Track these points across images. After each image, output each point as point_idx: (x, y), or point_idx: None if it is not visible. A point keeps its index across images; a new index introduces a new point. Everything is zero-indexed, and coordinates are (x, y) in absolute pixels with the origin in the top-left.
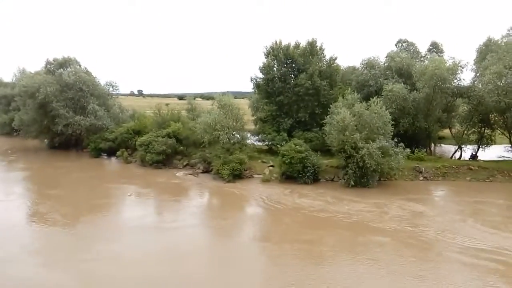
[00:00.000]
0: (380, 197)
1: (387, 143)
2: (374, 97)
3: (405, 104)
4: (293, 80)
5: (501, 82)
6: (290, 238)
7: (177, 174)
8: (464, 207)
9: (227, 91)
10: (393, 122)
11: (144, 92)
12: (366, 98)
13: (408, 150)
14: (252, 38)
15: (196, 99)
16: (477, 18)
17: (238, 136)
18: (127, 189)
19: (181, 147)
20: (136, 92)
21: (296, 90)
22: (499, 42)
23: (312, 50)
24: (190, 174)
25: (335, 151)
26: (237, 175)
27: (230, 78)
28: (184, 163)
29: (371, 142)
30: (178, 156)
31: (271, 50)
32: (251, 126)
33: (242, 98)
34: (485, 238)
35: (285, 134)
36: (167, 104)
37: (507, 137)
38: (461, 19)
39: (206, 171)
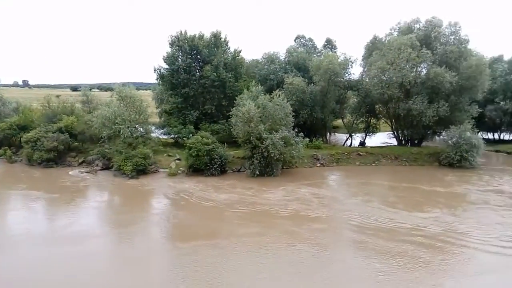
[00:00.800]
0: (286, 184)
1: (289, 133)
2: (276, 90)
3: (304, 97)
4: (199, 72)
5: (384, 76)
6: (202, 233)
7: (70, 173)
8: (364, 189)
9: (128, 82)
10: (293, 113)
11: (30, 83)
12: (269, 91)
13: (307, 139)
14: (156, 27)
15: (93, 90)
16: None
17: (141, 129)
18: (10, 192)
19: (76, 143)
20: (20, 83)
21: (202, 82)
22: (383, 40)
23: (217, 42)
24: (87, 172)
25: (241, 142)
26: (141, 171)
27: (131, 68)
28: (80, 160)
29: (275, 133)
30: (73, 153)
31: (176, 40)
32: (156, 119)
33: (145, 90)
34: (404, 218)
35: (192, 127)
36: (58, 96)
37: (389, 125)
38: (353, 17)
39: (106, 168)
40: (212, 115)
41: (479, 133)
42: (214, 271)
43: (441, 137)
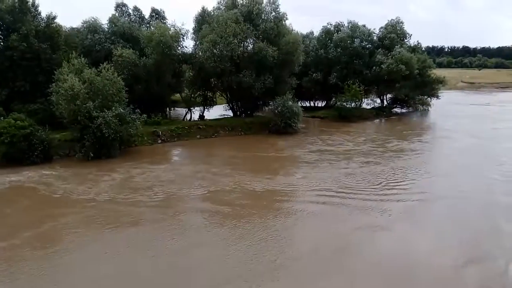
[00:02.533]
0: (123, 165)
1: (123, 111)
2: (104, 63)
3: (137, 70)
4: (3, 43)
5: (215, 50)
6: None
7: None
8: (208, 160)
9: None
10: (127, 89)
11: None
12: (96, 64)
13: (145, 115)
14: None
15: None
16: None
17: None
18: None
19: None
20: None
21: (9, 54)
22: (212, 13)
23: (23, 6)
24: None
25: (67, 123)
26: None
27: None
28: None
29: (107, 111)
30: None
31: None
32: None
33: None
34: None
35: (1, 108)
36: None
37: (225, 98)
38: None
39: None
40: (27, 94)
41: (298, 102)
42: None
43: (269, 107)
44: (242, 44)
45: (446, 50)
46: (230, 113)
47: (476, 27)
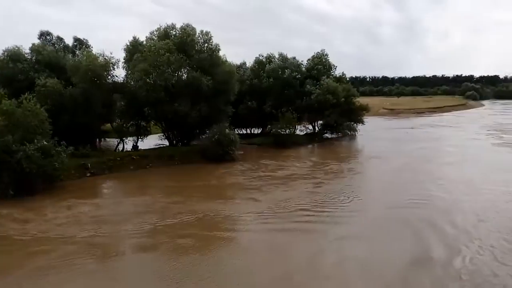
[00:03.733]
0: (47, 203)
1: (47, 143)
2: (26, 93)
3: (62, 100)
4: None
5: (148, 79)
6: None
7: None
8: (141, 192)
9: None
10: (51, 120)
11: None
12: (17, 94)
13: (71, 147)
14: None
15: None
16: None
17: None
18: None
19: None
20: None
21: None
22: (144, 43)
23: None
24: None
25: None
26: None
27: None
28: None
29: (28, 144)
30: None
31: None
32: None
33: None
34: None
35: None
36: None
37: (160, 127)
38: (106, 18)
39: None
40: None
41: (235, 130)
42: None
43: (206, 135)
44: (176, 74)
45: (368, 80)
46: (166, 143)
47: (393, 59)
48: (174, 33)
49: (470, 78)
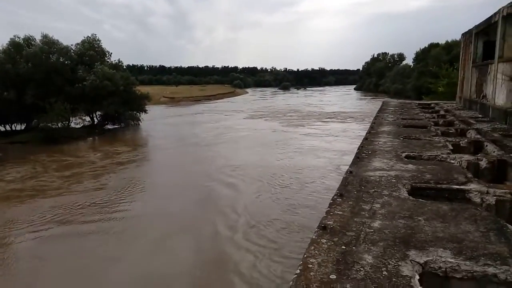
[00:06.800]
0: None
1: None
2: None
3: None
4: None
5: None
6: None
7: None
8: None
9: None
10: None
11: None
12: None
13: None
14: None
15: None
16: None
17: None
18: None
19: None
20: None
21: None
22: None
23: None
24: None
25: None
26: None
27: None
28: None
29: None
30: None
31: None
32: None
33: None
34: None
35: None
36: None
37: None
38: None
39: None
40: None
41: None
42: None
43: None
44: None
45: (146, 68)
46: None
47: (167, 49)
48: None
49: (235, 69)
